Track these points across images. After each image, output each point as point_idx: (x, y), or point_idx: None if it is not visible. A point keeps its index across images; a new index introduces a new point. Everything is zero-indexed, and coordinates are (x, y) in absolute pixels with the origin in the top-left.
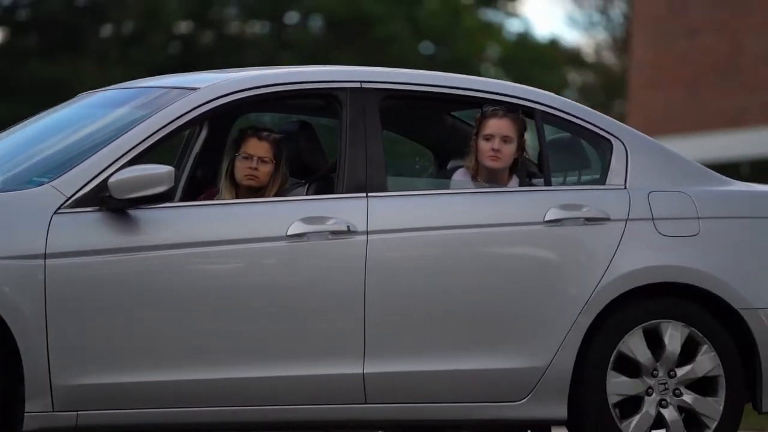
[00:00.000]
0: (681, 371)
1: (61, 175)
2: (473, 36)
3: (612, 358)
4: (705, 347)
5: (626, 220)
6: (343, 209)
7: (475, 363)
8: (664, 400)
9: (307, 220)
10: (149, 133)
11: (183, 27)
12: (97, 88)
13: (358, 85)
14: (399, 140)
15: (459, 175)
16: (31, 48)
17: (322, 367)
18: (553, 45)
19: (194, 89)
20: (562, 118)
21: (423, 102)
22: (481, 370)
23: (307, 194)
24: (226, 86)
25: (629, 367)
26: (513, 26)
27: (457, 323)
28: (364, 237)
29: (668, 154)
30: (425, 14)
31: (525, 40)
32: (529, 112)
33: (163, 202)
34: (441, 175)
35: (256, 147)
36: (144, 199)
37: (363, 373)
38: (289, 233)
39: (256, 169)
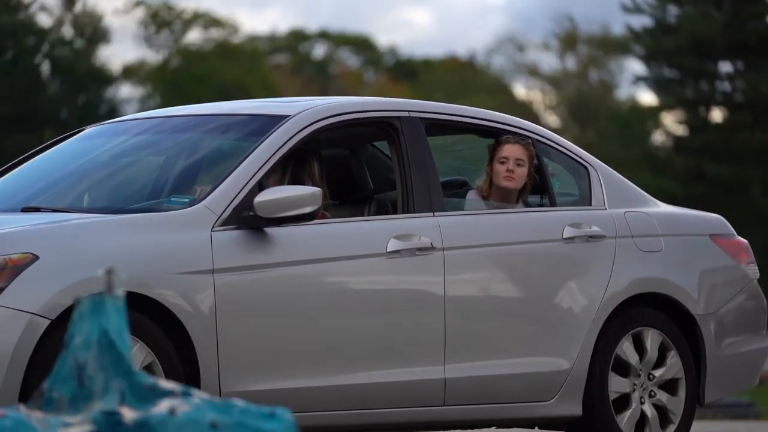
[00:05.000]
0: (657, 372)
1: (207, 196)
2: None
3: (612, 361)
4: (673, 352)
5: (615, 238)
6: (421, 227)
7: (526, 367)
8: (643, 397)
9: (400, 238)
10: (267, 157)
11: None
12: None
13: (407, 114)
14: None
15: (471, 195)
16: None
17: (408, 372)
18: None
19: (285, 116)
20: (553, 147)
21: (453, 130)
22: (529, 374)
23: (367, 214)
24: (319, 112)
25: (621, 368)
26: None
27: (511, 330)
28: (441, 253)
29: (620, 179)
30: None
31: None
32: (533, 141)
33: (307, 221)
34: (454, 195)
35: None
36: (290, 219)
37: (444, 378)
38: (388, 250)
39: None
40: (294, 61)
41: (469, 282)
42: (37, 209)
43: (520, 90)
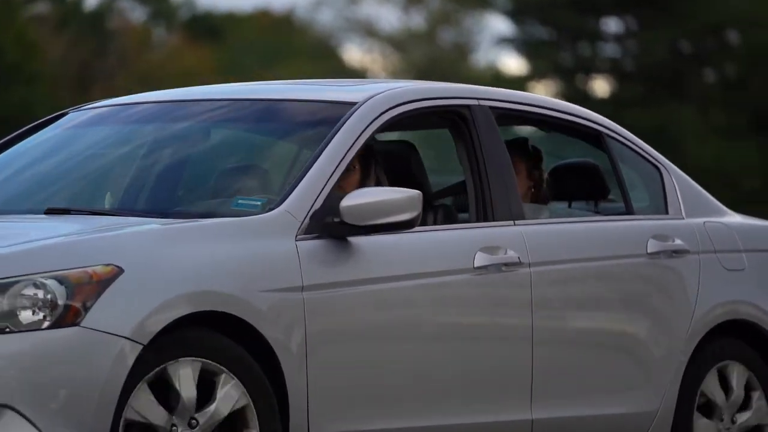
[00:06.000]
0: (741, 417)
1: (285, 199)
2: None
3: (697, 400)
4: (759, 393)
5: (699, 253)
6: (505, 238)
7: (614, 407)
8: None
9: (486, 251)
10: (343, 152)
11: None
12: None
13: (476, 102)
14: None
15: None
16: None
17: (494, 413)
18: None
19: (352, 103)
20: (622, 143)
21: (523, 122)
22: (618, 415)
23: (434, 222)
24: (391, 98)
25: (705, 409)
26: None
27: (600, 363)
28: (528, 269)
29: (693, 184)
30: None
31: None
32: (596, 135)
33: (406, 229)
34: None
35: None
36: (384, 227)
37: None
38: (475, 265)
39: None
40: (58, 13)
41: (555, 306)
42: (66, 211)
43: (353, 53)
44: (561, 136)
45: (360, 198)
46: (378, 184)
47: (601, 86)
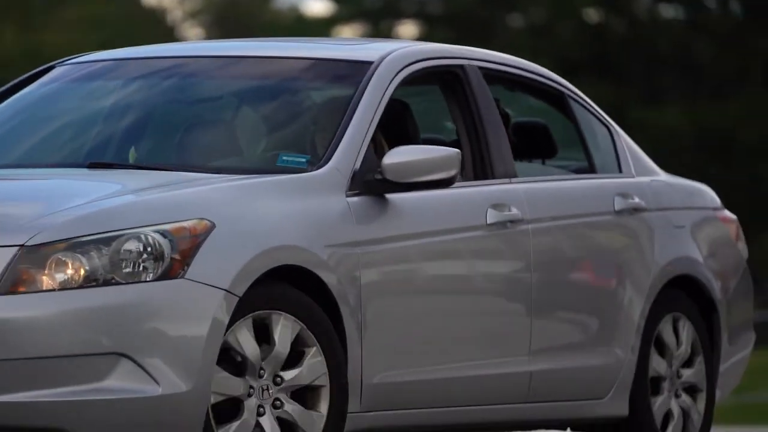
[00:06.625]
0: (686, 373)
1: (330, 158)
2: None
3: (653, 341)
4: (700, 358)
5: (652, 210)
6: (508, 195)
7: (596, 358)
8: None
9: (496, 208)
10: (373, 110)
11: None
12: None
13: (467, 62)
14: None
15: None
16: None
17: (499, 365)
18: None
19: (368, 62)
20: (579, 104)
21: (498, 81)
22: (596, 366)
23: None
24: (405, 57)
25: (659, 348)
26: None
27: (590, 316)
28: (527, 225)
29: (633, 143)
30: None
31: None
32: (559, 96)
33: (446, 187)
34: None
35: None
36: (424, 185)
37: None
38: (488, 222)
39: None
40: None
41: (550, 262)
42: (109, 165)
43: None
44: (520, 96)
45: (402, 156)
46: (377, 144)
47: (408, 30)
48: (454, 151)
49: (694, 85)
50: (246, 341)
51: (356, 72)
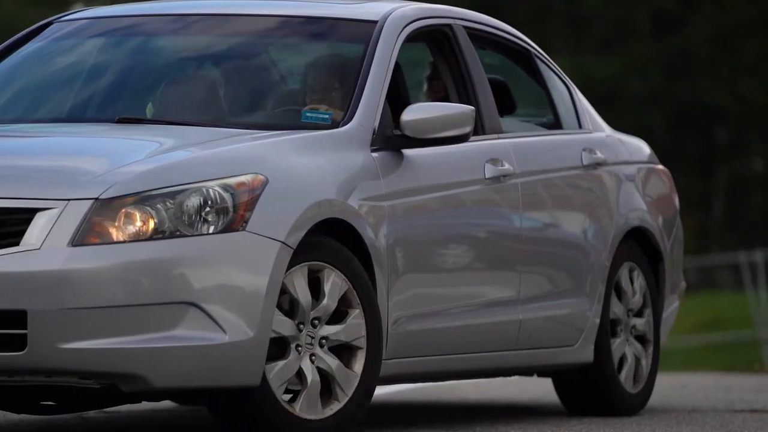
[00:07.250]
0: (636, 323)
1: (353, 115)
2: None
3: (613, 286)
4: (649, 311)
5: (610, 164)
6: (499, 150)
7: (570, 307)
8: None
9: (492, 162)
10: (385, 68)
11: None
12: None
13: (452, 22)
14: None
15: None
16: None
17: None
18: None
19: (371, 21)
20: (542, 62)
21: (483, 44)
22: (570, 314)
23: None
24: (406, 16)
25: (617, 293)
26: None
27: (567, 267)
28: (517, 180)
29: (585, 99)
30: None
31: None
32: (526, 54)
33: (462, 142)
34: None
35: None
36: (442, 140)
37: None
38: (486, 176)
39: None
40: None
41: (535, 215)
42: (139, 120)
43: None
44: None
45: (420, 113)
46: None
47: None
48: (468, 108)
49: (582, 37)
50: (300, 287)
51: (365, 30)
